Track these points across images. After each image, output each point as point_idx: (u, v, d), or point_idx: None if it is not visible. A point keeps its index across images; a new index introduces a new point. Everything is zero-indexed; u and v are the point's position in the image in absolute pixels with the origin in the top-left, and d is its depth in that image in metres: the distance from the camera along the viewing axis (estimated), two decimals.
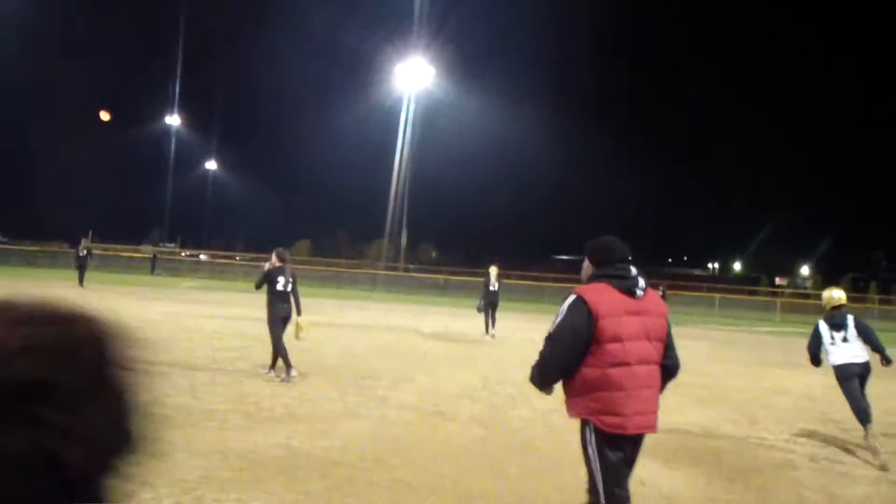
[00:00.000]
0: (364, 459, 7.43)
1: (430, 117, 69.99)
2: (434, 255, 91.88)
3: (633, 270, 4.60)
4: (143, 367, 1.01)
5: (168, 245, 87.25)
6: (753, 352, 22.78)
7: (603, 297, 4.45)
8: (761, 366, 18.47)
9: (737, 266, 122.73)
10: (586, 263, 4.82)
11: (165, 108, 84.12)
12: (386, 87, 66.93)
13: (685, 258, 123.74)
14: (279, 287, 11.99)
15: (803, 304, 53.25)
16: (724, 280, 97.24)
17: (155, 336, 14.62)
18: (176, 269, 57.40)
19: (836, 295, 9.63)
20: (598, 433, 4.42)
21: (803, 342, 10.10)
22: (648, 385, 4.49)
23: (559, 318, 4.48)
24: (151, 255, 58.43)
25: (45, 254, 51.95)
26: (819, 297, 10.24)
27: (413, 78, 61.66)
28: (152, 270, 52.23)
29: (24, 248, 57.02)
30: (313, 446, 7.78)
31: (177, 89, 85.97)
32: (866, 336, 9.19)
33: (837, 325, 9.28)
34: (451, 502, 6.36)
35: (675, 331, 4.91)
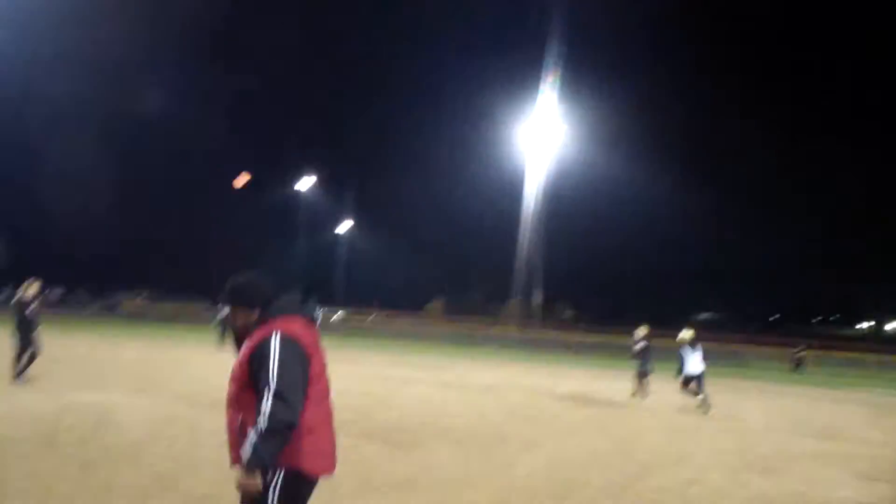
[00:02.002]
0: None
1: (563, 175, 69.31)
2: (570, 314, 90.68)
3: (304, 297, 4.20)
4: None
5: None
6: None
7: (304, 332, 3.98)
8: None
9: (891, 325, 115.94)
10: (239, 311, 4.14)
11: (299, 171, 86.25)
12: (517, 145, 66.72)
13: (831, 318, 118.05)
14: None
15: None
16: (881, 340, 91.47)
17: None
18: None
19: None
20: (297, 478, 3.86)
21: None
22: (332, 422, 4.14)
23: (277, 363, 3.78)
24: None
25: (186, 312, 53.68)
26: None
27: (544, 135, 61.36)
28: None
29: (165, 305, 59.20)
30: None
31: (310, 151, 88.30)
32: None
33: None
34: None
35: (828, 394, 4.16)
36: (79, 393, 13.97)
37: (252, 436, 3.70)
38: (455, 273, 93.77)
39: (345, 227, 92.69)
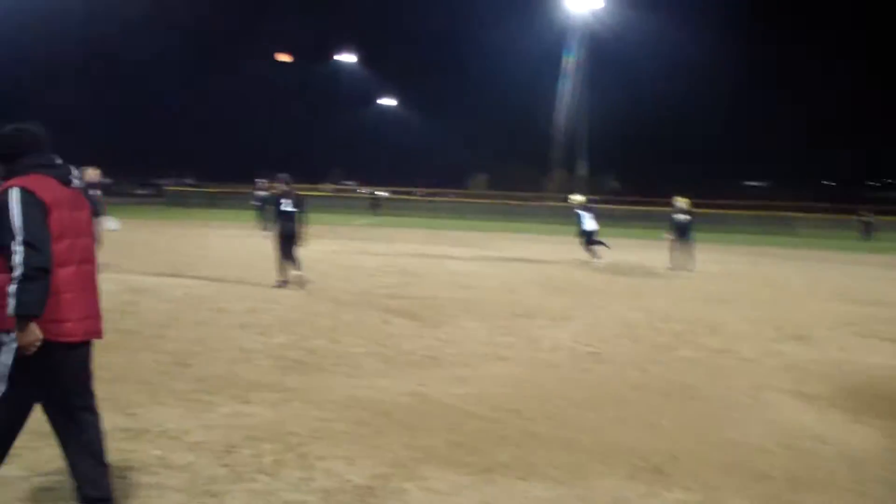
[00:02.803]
0: (499, 409, 6.67)
1: (606, 40, 67.24)
2: (615, 185, 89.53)
3: (59, 158, 4.01)
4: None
5: (347, 183, 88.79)
6: None
7: (45, 187, 3.80)
8: None
9: None
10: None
11: (340, 45, 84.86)
12: (558, 11, 64.60)
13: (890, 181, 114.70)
14: (282, 208, 13.68)
15: None
16: None
17: (310, 276, 14.30)
18: (351, 206, 58.16)
19: None
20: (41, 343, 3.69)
21: None
22: (92, 285, 4.04)
23: (20, 215, 3.64)
24: (373, 196, 59.02)
25: (227, 195, 53.79)
26: None
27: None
28: (375, 210, 53.73)
29: (207, 189, 59.42)
30: (447, 394, 7.09)
31: (351, 26, 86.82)
32: None
33: None
34: (585, 460, 5.51)
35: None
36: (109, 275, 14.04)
37: (11, 288, 3.59)
38: (498, 147, 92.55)
39: (386, 103, 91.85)
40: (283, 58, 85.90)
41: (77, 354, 3.98)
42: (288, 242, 13.64)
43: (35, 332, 3.65)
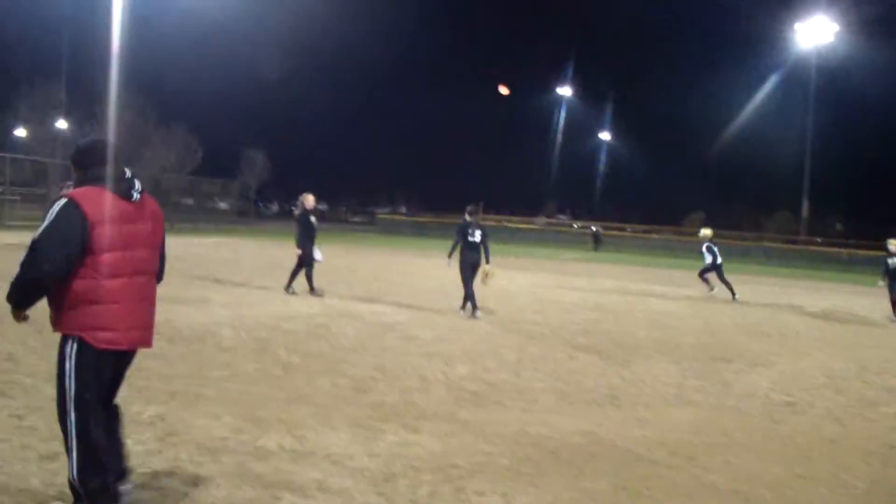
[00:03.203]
0: (675, 455, 6.33)
1: (833, 78, 64.04)
2: (839, 227, 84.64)
3: (129, 172, 4.17)
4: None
5: (560, 217, 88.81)
6: None
7: (96, 200, 3.98)
8: None
9: None
10: (74, 172, 4.22)
11: (558, 79, 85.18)
12: (785, 47, 62.16)
13: None
14: (470, 238, 13.83)
15: None
16: None
17: (504, 308, 14.28)
18: (563, 241, 57.98)
19: None
20: (86, 348, 3.99)
21: None
22: (145, 297, 4.22)
23: (48, 221, 3.89)
24: (594, 231, 58.88)
25: (437, 224, 55.06)
26: None
27: (814, 36, 56.75)
28: (596, 247, 53.50)
29: (418, 219, 61.07)
30: (622, 436, 6.80)
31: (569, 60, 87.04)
32: None
33: None
34: None
35: None
36: (309, 299, 14.57)
37: (13, 280, 3.99)
38: (717, 184, 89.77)
39: (602, 137, 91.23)
40: (503, 90, 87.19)
41: (122, 360, 4.25)
42: (473, 272, 13.92)
43: (20, 316, 4.13)
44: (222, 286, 16.20)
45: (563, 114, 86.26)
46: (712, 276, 21.26)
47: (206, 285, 16.18)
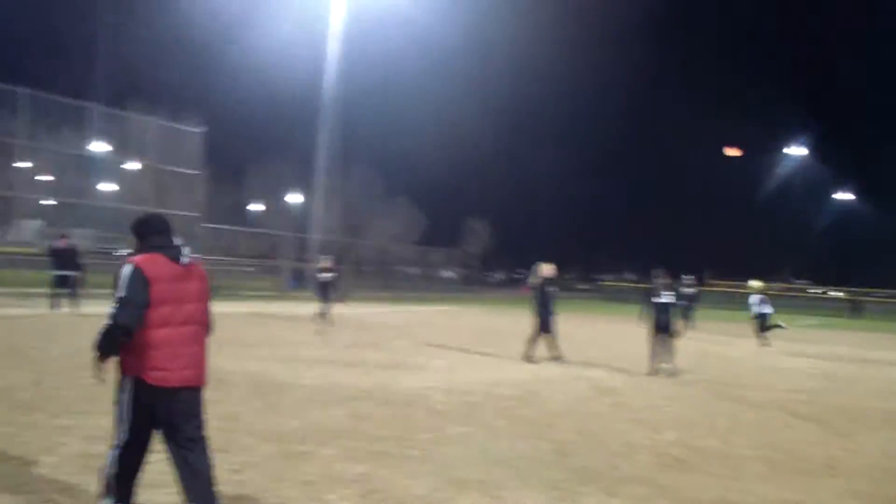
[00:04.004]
0: None
1: None
2: None
3: (178, 240, 5.02)
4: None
5: (796, 282, 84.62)
6: None
7: (154, 264, 4.81)
8: None
9: None
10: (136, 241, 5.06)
11: (790, 137, 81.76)
12: None
13: None
14: (660, 300, 14.63)
15: None
16: None
17: (722, 375, 13.88)
18: (801, 307, 55.23)
19: None
20: (142, 385, 4.71)
21: None
22: (195, 342, 4.97)
23: (123, 285, 4.69)
24: (853, 300, 56.26)
25: None
26: None
27: None
28: (854, 314, 51.29)
29: (643, 285, 60.14)
30: None
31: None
32: None
33: None
34: None
35: None
36: (526, 365, 14.76)
37: (101, 330, 4.67)
38: None
39: (841, 198, 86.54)
40: (732, 152, 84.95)
41: (180, 396, 4.86)
42: (663, 333, 14.51)
43: (104, 366, 4.75)
44: (441, 352, 16.70)
45: (797, 173, 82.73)
46: None
47: (425, 351, 16.74)
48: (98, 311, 23.75)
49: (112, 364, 4.75)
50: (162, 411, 4.81)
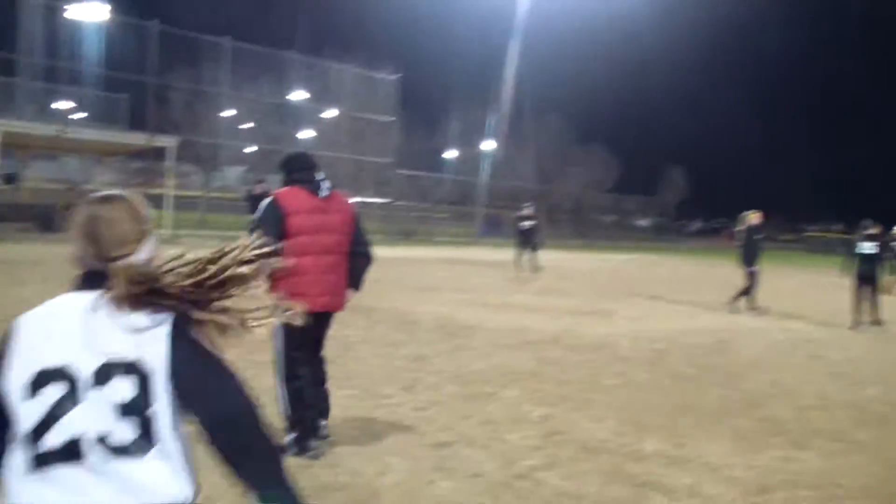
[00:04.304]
0: None
1: None
2: None
3: (320, 175, 5.43)
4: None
5: None
6: None
7: (292, 197, 5.28)
8: None
9: None
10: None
11: None
12: None
13: None
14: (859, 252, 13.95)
15: None
16: None
17: None
18: None
19: None
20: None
21: None
22: (333, 271, 5.36)
23: (259, 213, 5.29)
24: None
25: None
26: None
27: None
28: None
29: (850, 236, 56.90)
30: None
31: None
32: None
33: None
34: None
35: None
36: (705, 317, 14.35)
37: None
38: None
39: None
40: None
41: (318, 322, 5.31)
42: (866, 285, 13.80)
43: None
44: (631, 300, 16.52)
45: None
46: None
47: (615, 299, 16.60)
48: None
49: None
50: (301, 332, 5.15)
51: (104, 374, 1.78)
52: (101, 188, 2.24)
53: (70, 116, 33.63)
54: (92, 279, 1.89)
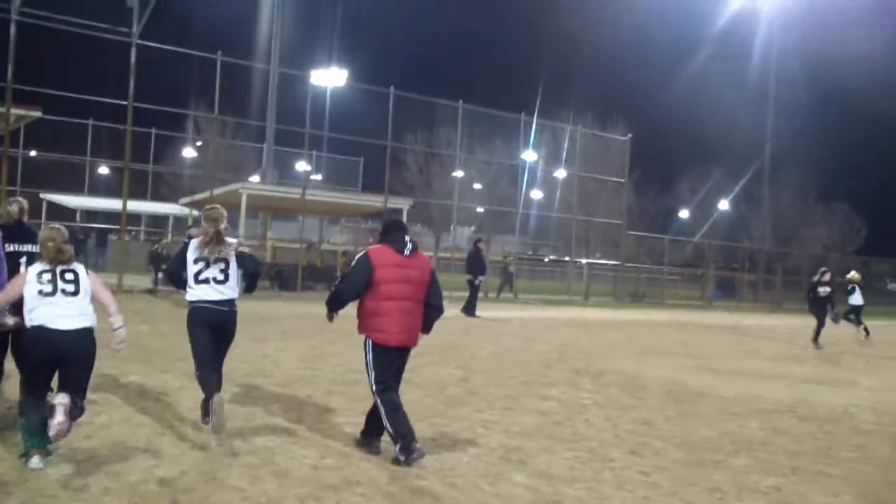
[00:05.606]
0: None
1: None
2: None
3: (406, 238, 6.73)
4: None
5: None
6: None
7: (381, 253, 6.62)
8: None
9: None
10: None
11: None
12: None
13: None
14: None
15: None
16: None
17: None
18: None
19: None
20: (374, 344, 6.59)
21: None
22: (409, 315, 6.62)
23: (352, 266, 6.75)
24: None
25: None
26: None
27: None
28: None
29: None
30: None
31: None
32: None
33: None
34: None
35: None
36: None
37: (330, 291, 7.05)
38: None
39: None
40: None
41: (397, 354, 6.67)
42: None
43: (331, 317, 6.98)
44: (875, 370, 15.60)
45: None
46: None
47: (854, 367, 15.77)
48: (531, 314, 25.25)
49: (337, 316, 6.93)
50: (388, 361, 6.61)
51: None
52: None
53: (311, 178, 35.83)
54: None
